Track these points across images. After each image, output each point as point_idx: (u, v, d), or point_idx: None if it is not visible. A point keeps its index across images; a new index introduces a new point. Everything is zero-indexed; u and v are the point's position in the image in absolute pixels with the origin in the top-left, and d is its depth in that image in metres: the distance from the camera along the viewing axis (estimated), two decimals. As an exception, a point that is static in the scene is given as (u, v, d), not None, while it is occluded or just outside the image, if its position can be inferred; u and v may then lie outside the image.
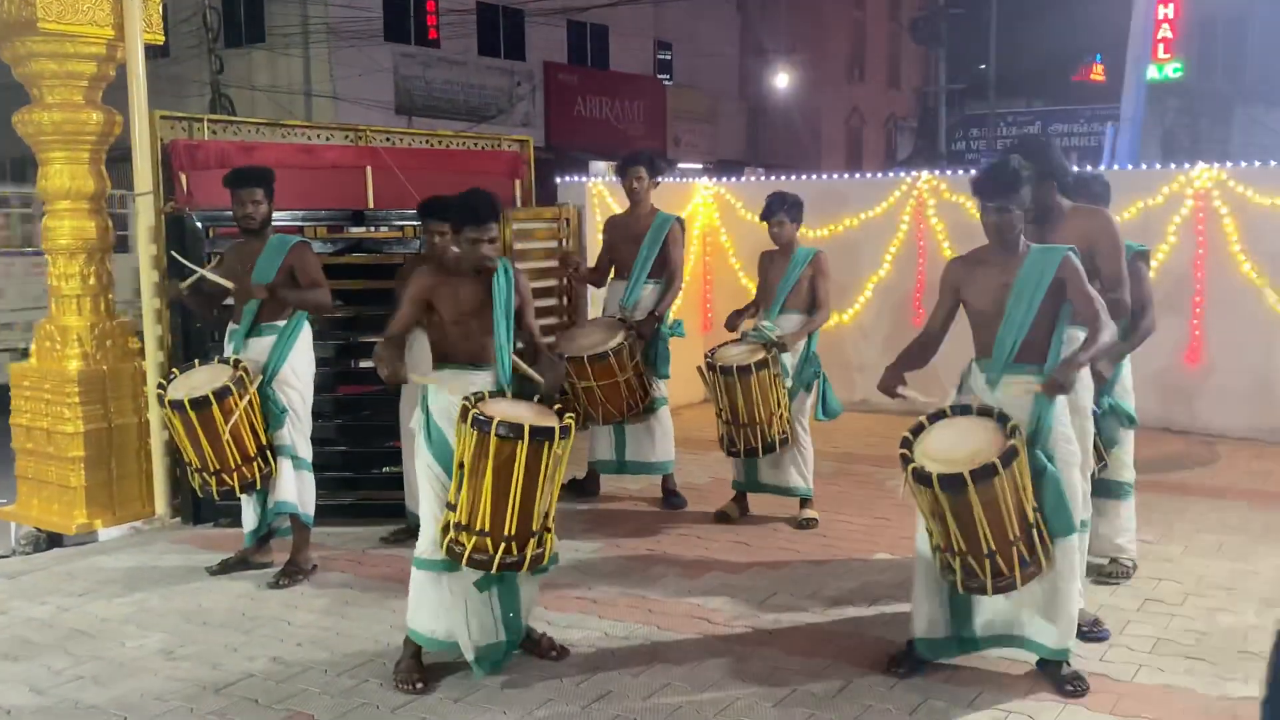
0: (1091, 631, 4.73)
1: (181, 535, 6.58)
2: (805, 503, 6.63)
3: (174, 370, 5.79)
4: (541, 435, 4.17)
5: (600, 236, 7.26)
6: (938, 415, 4.34)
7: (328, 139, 8.15)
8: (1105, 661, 4.53)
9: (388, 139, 8.55)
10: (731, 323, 6.57)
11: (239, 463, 5.50)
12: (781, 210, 6.45)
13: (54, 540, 6.64)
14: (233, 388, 5.41)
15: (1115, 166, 11.83)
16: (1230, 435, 8.49)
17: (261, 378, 5.59)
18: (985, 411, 4.28)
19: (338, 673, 4.58)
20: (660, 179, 6.97)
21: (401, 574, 5.74)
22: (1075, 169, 7.38)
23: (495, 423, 4.14)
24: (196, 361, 5.85)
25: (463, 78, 25.53)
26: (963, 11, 28.51)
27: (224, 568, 5.86)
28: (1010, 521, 4.08)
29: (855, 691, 4.32)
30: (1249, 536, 6.16)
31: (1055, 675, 4.32)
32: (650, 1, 28.25)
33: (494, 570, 4.26)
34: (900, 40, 38.54)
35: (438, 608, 4.47)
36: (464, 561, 4.26)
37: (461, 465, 4.25)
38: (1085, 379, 4.65)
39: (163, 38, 6.95)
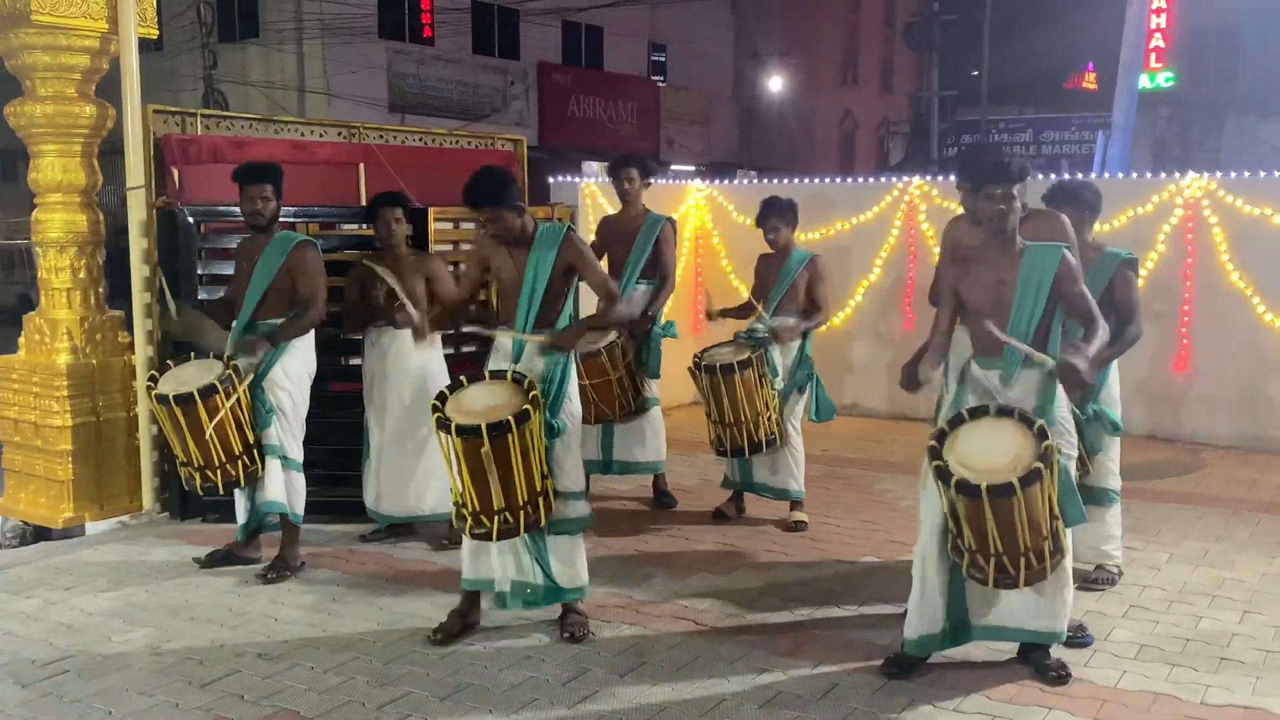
0: (1076, 637, 4.75)
1: (169, 530, 6.57)
2: (796, 505, 6.64)
3: (168, 363, 5.78)
4: (497, 429, 4.50)
5: (593, 237, 7.27)
6: (957, 420, 4.31)
7: (321, 135, 8.14)
8: (1089, 667, 4.55)
9: (381, 136, 8.54)
10: (711, 312, 6.64)
11: (223, 460, 5.48)
12: (775, 215, 6.48)
13: (41, 534, 6.62)
14: (219, 385, 5.39)
15: (1106, 174, 11.87)
16: (1216, 443, 8.54)
17: (252, 376, 5.58)
18: (1004, 412, 4.28)
19: (324, 669, 4.58)
20: (652, 180, 6.98)
21: (389, 571, 5.77)
22: (1066, 175, 7.42)
23: (453, 425, 4.53)
24: (192, 355, 5.84)
25: (457, 76, 25.52)
26: (956, 18, 28.53)
27: (211, 560, 5.86)
28: (1044, 518, 4.15)
29: (841, 693, 4.33)
30: (1233, 544, 6.20)
31: (1040, 663, 4.39)
32: (645, 2, 28.27)
33: (495, 539, 4.68)
34: (894, 45, 38.59)
35: (471, 553, 4.91)
36: (468, 535, 4.75)
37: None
38: None
39: (156, 32, 6.94)
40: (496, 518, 4.63)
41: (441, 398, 4.70)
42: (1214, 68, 26.08)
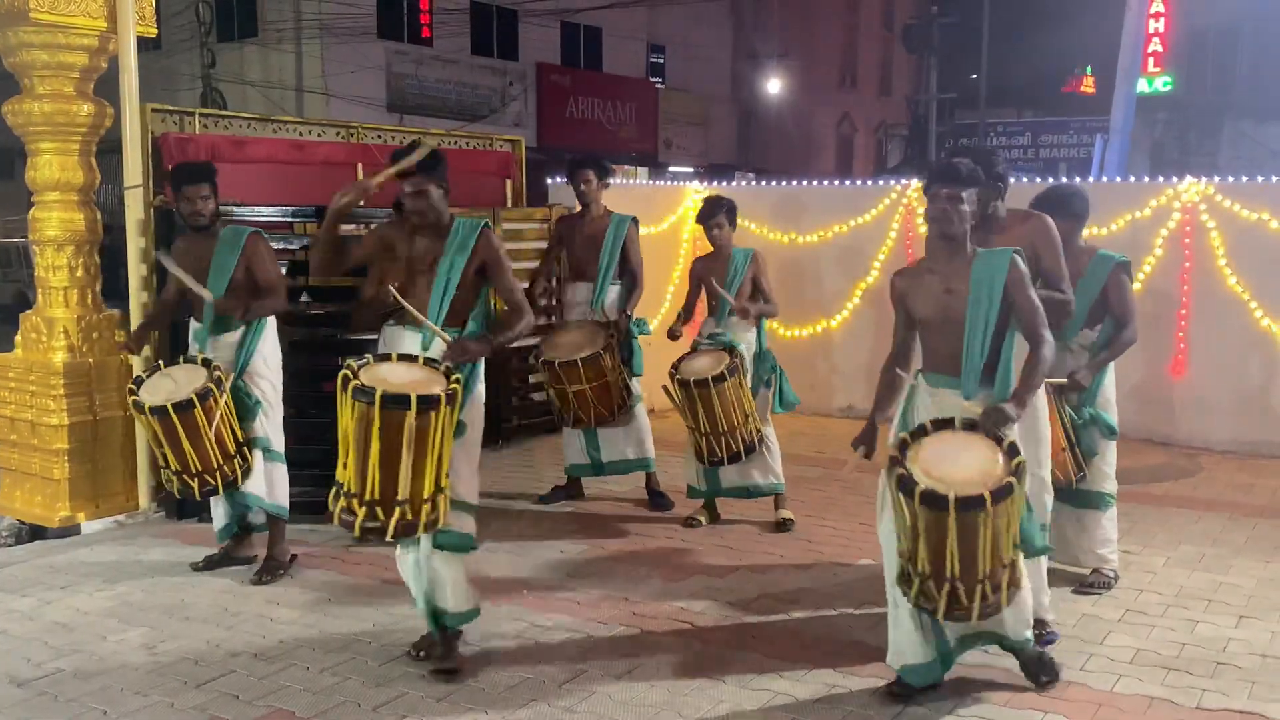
0: (1041, 635, 4.73)
1: (165, 529, 6.56)
2: (779, 500, 6.65)
3: (140, 375, 5.61)
4: (427, 404, 4.12)
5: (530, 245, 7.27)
6: (920, 431, 4.08)
7: (319, 135, 8.14)
8: (1085, 671, 4.55)
9: (379, 136, 8.55)
10: (674, 333, 6.59)
11: (221, 461, 5.45)
12: (721, 212, 6.56)
13: (36, 533, 6.60)
14: (213, 387, 5.37)
15: (1104, 178, 11.90)
16: (1213, 448, 8.54)
17: (232, 373, 5.57)
18: (970, 426, 4.05)
19: (319, 669, 4.58)
20: (610, 181, 6.99)
21: (384, 571, 5.76)
22: (1064, 179, 7.44)
23: (379, 394, 4.06)
24: (161, 364, 5.72)
25: (455, 76, 25.53)
26: (955, 21, 28.57)
27: (208, 564, 5.84)
28: (1006, 542, 3.90)
29: (837, 696, 4.33)
30: (1230, 549, 6.20)
31: (1029, 665, 4.35)
32: (644, 4, 28.28)
33: (389, 536, 4.22)
34: (892, 48, 38.65)
35: (404, 570, 4.66)
36: (356, 531, 4.23)
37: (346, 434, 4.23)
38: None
39: (155, 30, 6.93)
40: (397, 510, 4.17)
41: (350, 369, 4.23)
42: (1212, 72, 26.13)
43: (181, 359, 5.68)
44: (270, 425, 5.72)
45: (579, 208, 7.02)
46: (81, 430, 6.56)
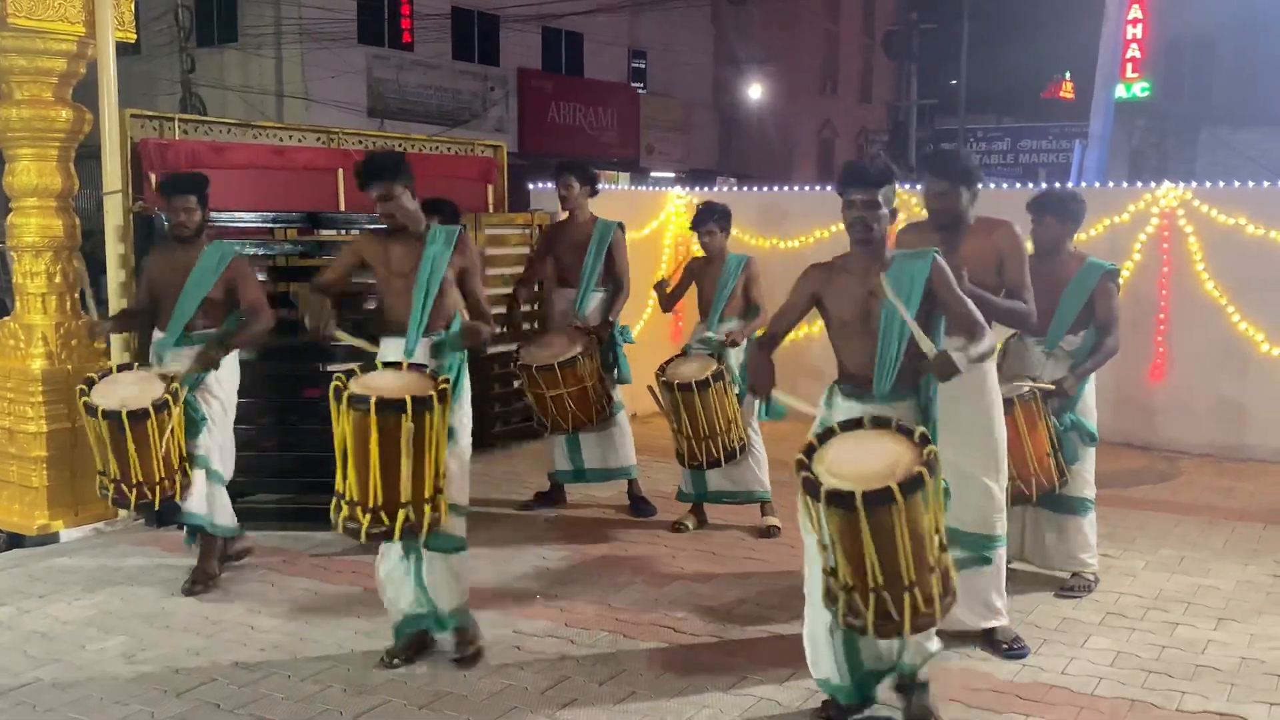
0: (1011, 649, 4.73)
1: (144, 537, 6.51)
2: (765, 507, 6.65)
3: (92, 376, 5.45)
4: (421, 405, 4.31)
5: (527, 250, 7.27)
6: (827, 434, 3.84)
7: (300, 140, 8.12)
8: (1066, 674, 4.57)
9: (360, 141, 8.53)
10: (661, 294, 6.77)
11: (163, 476, 5.31)
12: (712, 220, 6.56)
13: (14, 541, 6.55)
14: (170, 400, 5.25)
15: (1083, 184, 11.96)
16: (1192, 451, 8.59)
17: (186, 387, 5.45)
18: (880, 423, 3.82)
19: (300, 678, 4.56)
20: (596, 187, 6.96)
21: (366, 580, 5.73)
22: (1044, 185, 7.48)
23: (373, 400, 4.24)
24: (114, 368, 5.61)
25: (436, 81, 25.46)
26: (935, 27, 28.78)
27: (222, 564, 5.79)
28: (931, 543, 3.59)
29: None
30: (1209, 552, 6.24)
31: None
32: (626, 9, 28.31)
33: (395, 538, 4.41)
34: (873, 54, 38.81)
35: (385, 575, 4.77)
36: (362, 538, 4.41)
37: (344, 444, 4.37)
38: (992, 382, 4.62)
39: (134, 35, 6.89)
40: (400, 512, 4.35)
41: (340, 380, 4.37)
42: (1189, 79, 26.31)
43: (136, 365, 5.62)
44: (213, 443, 5.59)
45: (562, 213, 7.02)
46: (60, 438, 6.51)
